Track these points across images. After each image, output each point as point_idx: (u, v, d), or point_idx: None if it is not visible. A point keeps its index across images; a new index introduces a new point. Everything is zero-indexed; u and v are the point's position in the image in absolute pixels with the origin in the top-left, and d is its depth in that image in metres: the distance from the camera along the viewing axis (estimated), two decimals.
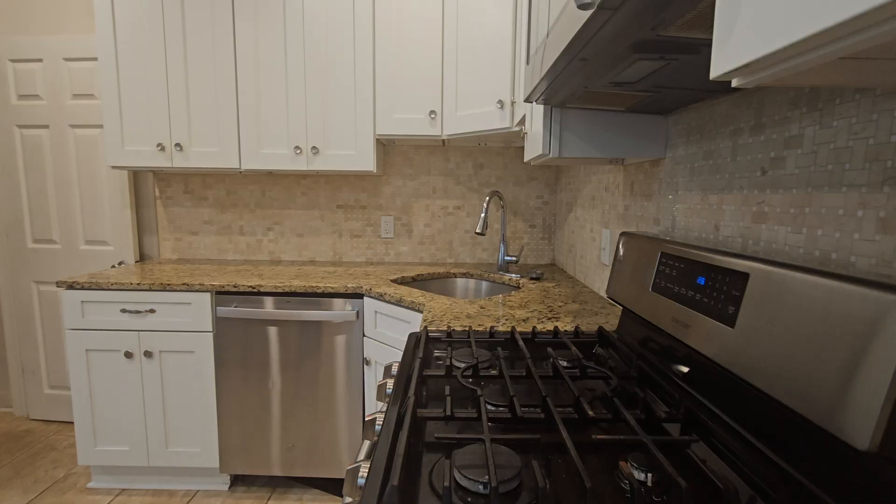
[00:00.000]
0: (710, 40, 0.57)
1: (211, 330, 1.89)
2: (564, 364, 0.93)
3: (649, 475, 0.56)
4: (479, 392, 0.73)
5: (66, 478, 2.13)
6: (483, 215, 1.94)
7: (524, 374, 0.86)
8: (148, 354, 1.90)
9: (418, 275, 2.12)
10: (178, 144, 2.06)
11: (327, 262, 2.43)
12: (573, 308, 1.45)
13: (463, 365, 0.89)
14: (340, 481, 2.05)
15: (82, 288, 1.87)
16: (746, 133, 0.83)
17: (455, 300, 1.54)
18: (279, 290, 1.85)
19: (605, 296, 1.60)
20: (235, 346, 1.91)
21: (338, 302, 1.87)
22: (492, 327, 1.12)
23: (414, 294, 1.65)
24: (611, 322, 1.29)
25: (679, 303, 0.80)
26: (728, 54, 0.38)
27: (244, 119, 2.06)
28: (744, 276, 0.64)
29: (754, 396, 0.62)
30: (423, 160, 2.42)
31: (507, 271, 2.11)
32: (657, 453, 0.57)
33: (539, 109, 1.16)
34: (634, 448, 0.63)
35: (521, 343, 0.99)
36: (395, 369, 1.04)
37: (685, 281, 0.80)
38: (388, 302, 1.71)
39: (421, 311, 1.54)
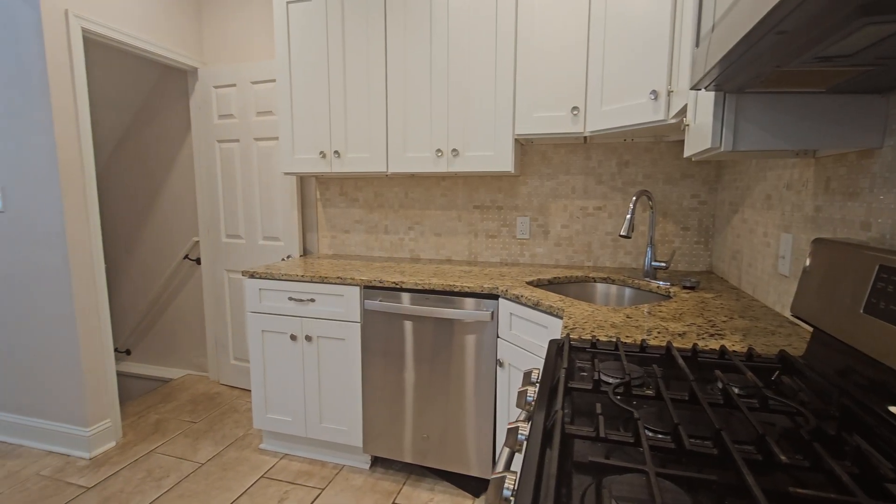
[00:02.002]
0: None
1: (359, 321, 2.06)
2: (737, 391, 0.80)
3: None
4: (635, 414, 0.66)
5: (244, 437, 2.51)
6: (629, 216, 1.79)
7: (687, 398, 0.76)
8: (308, 339, 2.14)
9: (555, 278, 2.04)
10: (336, 152, 2.29)
11: (463, 262, 2.49)
12: (741, 324, 1.25)
13: (613, 380, 0.82)
14: (469, 478, 2.08)
15: (260, 277, 2.18)
16: None
17: (597, 307, 1.45)
18: (419, 288, 1.94)
19: (780, 312, 1.36)
20: (379, 338, 2.05)
21: (473, 302, 1.89)
22: (643, 340, 1.01)
23: (552, 298, 1.59)
24: (794, 345, 1.08)
25: None
26: None
27: (392, 126, 2.21)
28: None
29: None
30: (561, 159, 2.33)
31: (655, 278, 1.92)
32: None
33: (708, 97, 1.02)
34: None
35: (680, 361, 0.88)
36: (534, 376, 1.01)
37: None
38: (525, 305, 1.68)
39: (560, 317, 1.48)
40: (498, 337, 1.86)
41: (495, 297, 1.86)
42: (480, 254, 2.52)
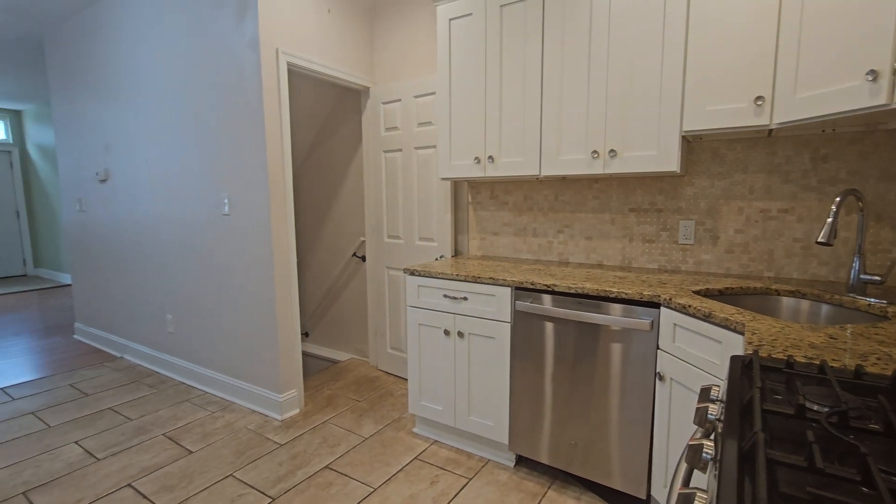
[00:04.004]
0: None
1: (509, 321, 2.11)
2: None
3: None
4: (862, 449, 0.57)
5: (399, 419, 2.76)
6: (830, 220, 1.53)
7: None
8: (460, 335, 2.27)
9: (726, 288, 1.84)
10: (490, 157, 2.38)
11: (615, 267, 2.38)
12: None
13: (821, 408, 0.72)
14: (615, 492, 1.98)
15: (419, 275, 2.37)
16: None
17: (787, 324, 1.27)
18: (572, 291, 1.92)
19: None
20: (528, 339, 2.08)
21: (629, 309, 1.80)
22: (857, 366, 0.87)
23: (727, 310, 1.44)
24: None
25: None
26: None
27: (546, 130, 2.21)
28: None
29: None
30: (736, 156, 2.08)
31: (864, 294, 1.60)
32: None
33: None
34: None
35: None
36: (714, 394, 0.93)
37: None
38: (693, 316, 1.55)
39: (739, 332, 1.33)
40: (658, 348, 1.75)
41: (656, 305, 1.75)
42: (635, 259, 2.38)
